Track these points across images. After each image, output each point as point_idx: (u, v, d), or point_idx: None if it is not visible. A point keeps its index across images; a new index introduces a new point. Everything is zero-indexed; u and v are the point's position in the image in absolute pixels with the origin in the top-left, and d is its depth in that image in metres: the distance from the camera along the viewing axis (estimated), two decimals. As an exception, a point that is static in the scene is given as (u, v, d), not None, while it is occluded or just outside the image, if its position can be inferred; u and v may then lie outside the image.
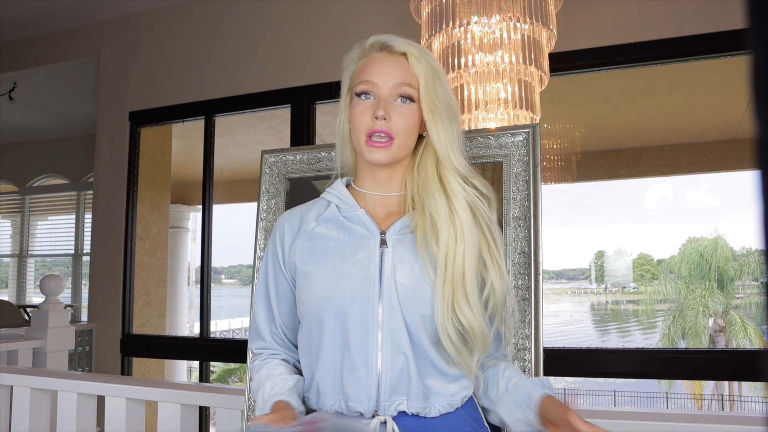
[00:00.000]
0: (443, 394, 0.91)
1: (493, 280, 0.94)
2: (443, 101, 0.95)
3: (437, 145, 0.94)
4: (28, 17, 3.99)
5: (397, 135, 0.93)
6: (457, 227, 0.92)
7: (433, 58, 0.97)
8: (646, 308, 11.28)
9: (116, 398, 1.77)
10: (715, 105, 4.91)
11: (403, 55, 0.95)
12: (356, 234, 0.96)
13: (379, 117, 0.91)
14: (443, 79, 0.97)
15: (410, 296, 0.91)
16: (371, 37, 0.97)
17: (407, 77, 0.94)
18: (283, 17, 3.52)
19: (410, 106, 0.94)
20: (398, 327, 0.90)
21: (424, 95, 0.94)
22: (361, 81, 0.95)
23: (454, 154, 0.95)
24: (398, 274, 0.92)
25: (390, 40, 0.96)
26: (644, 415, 1.35)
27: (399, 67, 0.94)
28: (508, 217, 1.27)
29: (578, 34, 2.84)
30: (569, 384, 11.62)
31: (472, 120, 2.10)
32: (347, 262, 0.93)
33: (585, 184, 8.26)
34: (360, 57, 0.98)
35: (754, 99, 0.26)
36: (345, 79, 1.00)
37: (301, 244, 0.98)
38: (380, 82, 0.93)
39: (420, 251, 0.92)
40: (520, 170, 1.28)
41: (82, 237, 6.48)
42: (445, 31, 2.07)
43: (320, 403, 0.93)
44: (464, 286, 0.90)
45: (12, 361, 2.94)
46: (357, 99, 0.95)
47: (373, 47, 0.97)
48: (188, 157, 5.40)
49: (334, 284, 0.92)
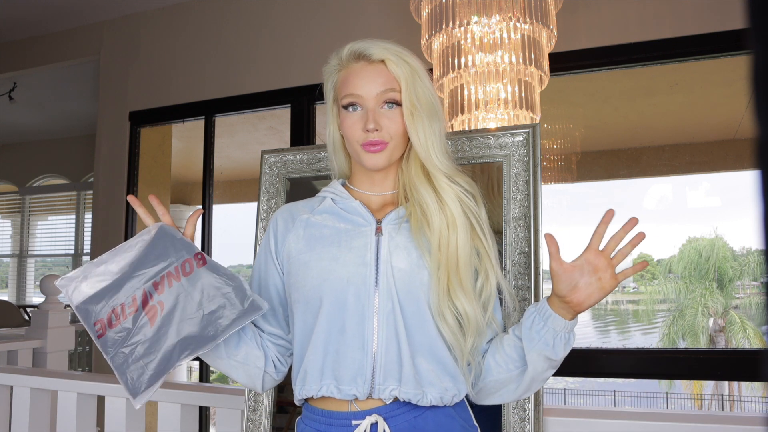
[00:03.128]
0: (437, 384, 0.92)
1: (486, 267, 0.95)
2: (424, 101, 0.96)
3: (418, 148, 0.96)
4: (28, 17, 3.98)
5: (390, 140, 0.96)
6: (448, 216, 0.94)
7: (412, 56, 0.98)
8: (646, 308, 11.28)
9: (116, 398, 1.77)
10: (715, 105, 4.91)
11: (381, 62, 0.96)
12: (352, 222, 0.97)
13: (371, 129, 0.93)
14: (423, 77, 0.98)
15: (408, 281, 0.92)
16: (347, 46, 0.98)
17: (389, 82, 0.95)
18: (283, 17, 3.52)
19: (396, 110, 0.96)
20: (394, 312, 0.91)
21: (405, 98, 0.95)
22: (345, 95, 0.96)
23: (435, 155, 0.96)
24: (395, 259, 0.93)
25: (366, 49, 0.96)
26: (644, 415, 1.35)
27: (380, 74, 0.95)
28: (508, 217, 1.27)
29: (578, 34, 2.84)
30: (569, 384, 11.62)
31: (472, 120, 2.10)
32: (343, 248, 0.95)
33: (585, 184, 8.25)
34: (339, 68, 0.99)
35: (754, 99, 0.26)
36: (328, 90, 1.02)
37: (296, 234, 0.99)
38: (364, 93, 0.95)
39: (416, 237, 0.94)
40: (520, 170, 1.28)
41: (82, 237, 6.48)
42: (445, 31, 2.07)
43: (305, 389, 0.93)
44: (458, 272, 0.91)
45: (12, 361, 2.94)
46: (345, 111, 0.97)
47: (351, 57, 0.97)
48: (188, 157, 5.40)
49: (330, 270, 0.93)
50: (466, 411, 0.98)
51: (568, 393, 11.70)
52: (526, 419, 1.22)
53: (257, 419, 1.41)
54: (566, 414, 1.37)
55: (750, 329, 10.02)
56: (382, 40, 0.98)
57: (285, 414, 1.45)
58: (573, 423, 1.34)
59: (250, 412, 1.42)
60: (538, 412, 1.23)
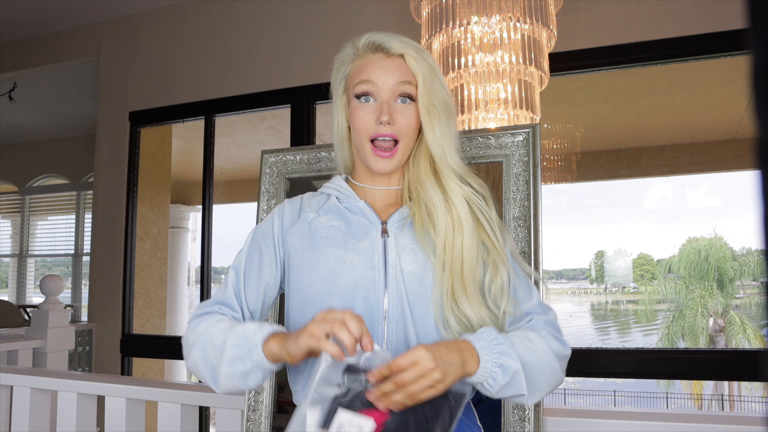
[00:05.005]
0: None
1: (495, 259, 0.93)
2: (441, 100, 0.94)
3: (432, 146, 0.94)
4: (28, 17, 3.98)
5: (401, 137, 0.93)
6: (455, 218, 0.92)
7: (430, 55, 0.96)
8: (646, 308, 11.28)
9: (116, 398, 1.77)
10: (715, 105, 4.91)
11: (400, 56, 0.94)
12: (358, 224, 0.96)
13: (384, 122, 0.91)
14: (440, 77, 0.96)
15: (417, 283, 0.91)
16: (364, 37, 0.95)
17: (406, 75, 0.93)
18: (283, 17, 3.52)
19: (411, 105, 0.94)
20: (404, 315, 0.90)
21: (422, 94, 0.93)
22: (360, 81, 0.93)
23: (450, 154, 0.94)
24: (403, 262, 0.92)
25: (385, 42, 0.94)
26: (644, 415, 1.35)
27: (398, 68, 0.93)
28: (508, 217, 1.27)
29: (578, 34, 2.84)
30: (569, 384, 11.61)
31: (472, 120, 2.10)
32: (350, 251, 0.93)
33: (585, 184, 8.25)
34: (354, 58, 0.96)
35: (754, 99, 0.26)
36: (338, 80, 0.99)
37: (301, 231, 0.97)
38: (380, 83, 0.92)
39: (420, 239, 0.92)
40: (520, 170, 1.28)
41: (82, 237, 6.47)
42: (445, 31, 2.07)
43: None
44: (462, 276, 0.90)
45: (12, 361, 2.94)
46: (357, 102, 0.94)
47: (368, 48, 0.95)
48: (188, 157, 5.40)
49: (338, 272, 0.91)
50: (471, 412, 0.98)
51: (568, 393, 11.70)
52: (526, 419, 1.22)
53: (257, 419, 1.41)
54: (566, 414, 1.37)
55: (750, 329, 10.02)
56: (399, 35, 0.95)
57: (285, 414, 1.45)
58: (573, 423, 1.34)
59: (250, 412, 1.42)
60: (538, 412, 1.23)
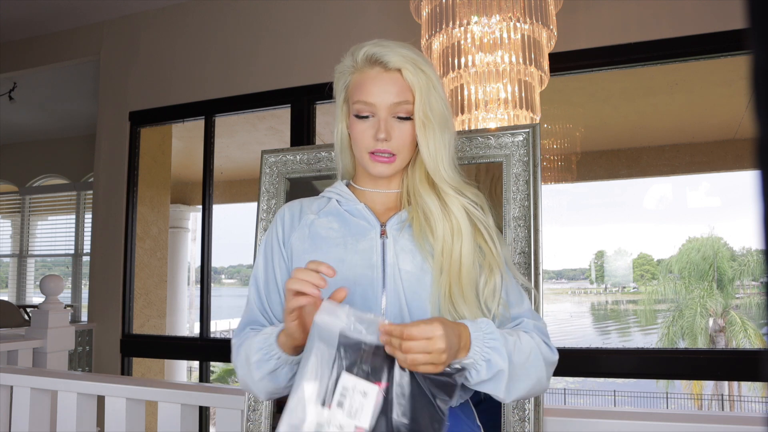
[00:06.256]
0: None
1: (490, 262, 0.94)
2: (437, 113, 0.95)
3: (427, 159, 0.95)
4: (28, 17, 3.99)
5: (398, 152, 0.96)
6: (454, 224, 0.94)
7: (428, 64, 0.96)
8: (646, 308, 11.29)
9: (116, 398, 1.77)
10: (715, 105, 4.91)
11: (397, 70, 0.95)
12: (357, 225, 0.98)
13: (380, 139, 0.93)
14: (438, 88, 0.97)
15: (415, 283, 0.93)
16: (363, 49, 0.96)
17: (404, 94, 0.94)
18: (283, 17, 3.52)
19: (408, 122, 0.95)
20: (401, 313, 0.92)
21: (418, 108, 0.94)
22: (357, 101, 0.95)
23: (444, 167, 0.96)
24: (402, 261, 0.94)
25: (383, 56, 0.94)
26: (644, 415, 1.35)
27: (395, 84, 0.94)
28: (508, 217, 1.27)
29: (578, 34, 2.84)
30: (569, 384, 11.62)
31: (472, 120, 2.10)
32: (350, 250, 0.95)
33: (585, 184, 8.27)
34: (353, 70, 0.98)
35: (754, 99, 0.26)
36: (339, 89, 1.01)
37: (301, 233, 0.99)
38: (378, 102, 0.94)
39: (418, 242, 0.94)
40: (520, 170, 1.28)
41: (82, 237, 6.47)
42: (445, 31, 2.07)
43: None
44: (460, 280, 0.91)
45: (12, 361, 2.94)
46: (355, 118, 0.96)
47: (366, 61, 0.96)
48: (188, 157, 5.40)
49: (337, 271, 0.91)
50: (470, 411, 0.99)
51: (568, 393, 11.71)
52: (526, 419, 1.22)
53: (257, 419, 1.41)
54: (566, 414, 1.37)
55: (750, 329, 10.02)
56: (399, 44, 0.96)
57: (285, 414, 1.45)
58: (573, 423, 1.35)
59: (250, 412, 1.42)
60: (538, 412, 1.23)
